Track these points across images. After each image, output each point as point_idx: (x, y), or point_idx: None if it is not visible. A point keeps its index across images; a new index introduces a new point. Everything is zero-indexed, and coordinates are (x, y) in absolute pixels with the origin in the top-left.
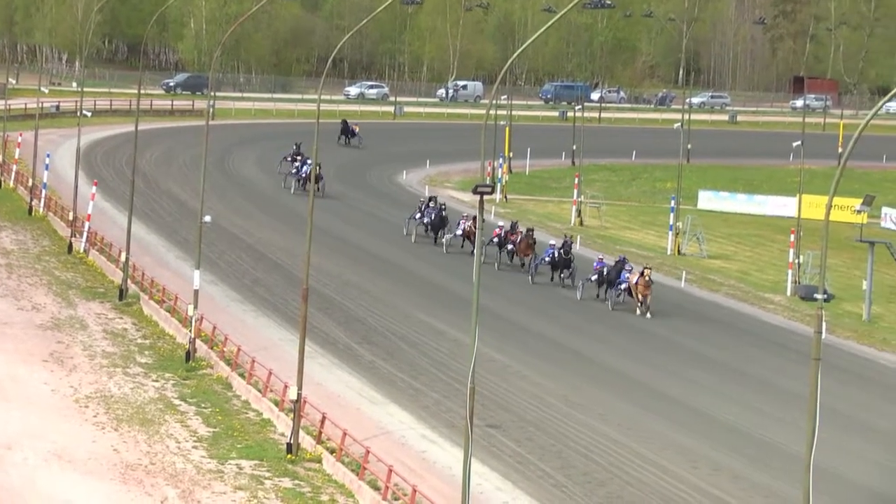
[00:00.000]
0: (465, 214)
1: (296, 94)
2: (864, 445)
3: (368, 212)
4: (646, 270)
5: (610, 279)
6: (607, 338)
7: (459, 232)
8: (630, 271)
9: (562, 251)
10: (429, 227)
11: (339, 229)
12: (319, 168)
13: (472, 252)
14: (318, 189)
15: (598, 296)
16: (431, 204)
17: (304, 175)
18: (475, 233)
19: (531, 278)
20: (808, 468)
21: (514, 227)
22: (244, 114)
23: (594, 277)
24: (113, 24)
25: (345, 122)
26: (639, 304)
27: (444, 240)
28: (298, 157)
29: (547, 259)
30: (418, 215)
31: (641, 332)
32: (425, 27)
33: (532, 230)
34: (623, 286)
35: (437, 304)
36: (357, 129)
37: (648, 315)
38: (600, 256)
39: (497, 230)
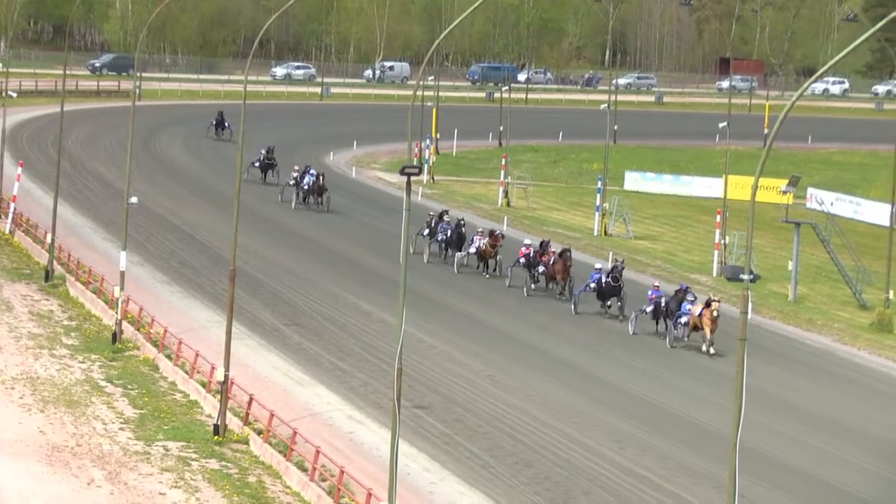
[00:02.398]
0: (481, 230)
1: (222, 76)
2: (789, 424)
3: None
4: (713, 303)
5: (669, 311)
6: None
7: (473, 250)
8: (693, 302)
9: (610, 278)
10: (443, 246)
11: (266, 211)
12: (323, 178)
13: (485, 273)
14: (323, 202)
15: (657, 330)
16: (446, 218)
17: (305, 188)
18: (492, 252)
19: (573, 307)
20: (735, 448)
21: (544, 246)
22: (170, 95)
23: (649, 309)
24: (38, 5)
25: (221, 115)
26: (704, 340)
27: (455, 259)
28: (296, 168)
29: (592, 285)
30: (426, 231)
31: (566, 314)
32: (352, 8)
33: (569, 250)
34: (684, 320)
35: (365, 286)
36: (228, 123)
37: (713, 351)
38: (656, 284)
39: (523, 249)
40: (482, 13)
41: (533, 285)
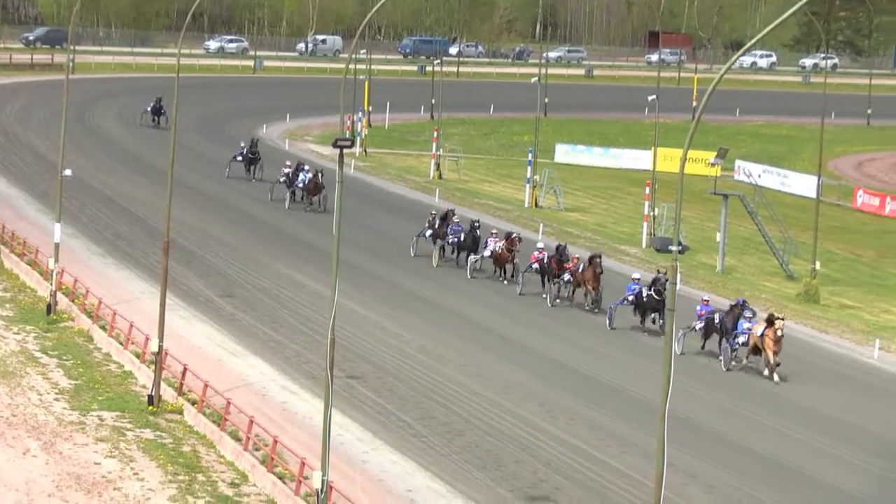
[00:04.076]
0: (495, 232)
1: (156, 49)
2: (712, 393)
3: (225, 164)
4: (777, 321)
5: (725, 329)
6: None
7: (488, 253)
8: (751, 319)
9: (654, 291)
10: (454, 249)
11: (198, 183)
12: (322, 176)
13: (502, 279)
14: (320, 203)
15: (702, 347)
16: (456, 219)
17: (298, 186)
18: (509, 256)
19: (609, 322)
20: (664, 418)
21: (561, 250)
22: (104, 68)
23: (699, 326)
24: None
25: (159, 101)
26: (766, 364)
27: (469, 263)
28: (288, 164)
29: (630, 298)
30: (429, 232)
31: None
32: None
33: (599, 257)
34: (741, 339)
35: (298, 257)
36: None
37: (776, 378)
38: (705, 298)
39: (536, 253)
40: None
41: (557, 298)
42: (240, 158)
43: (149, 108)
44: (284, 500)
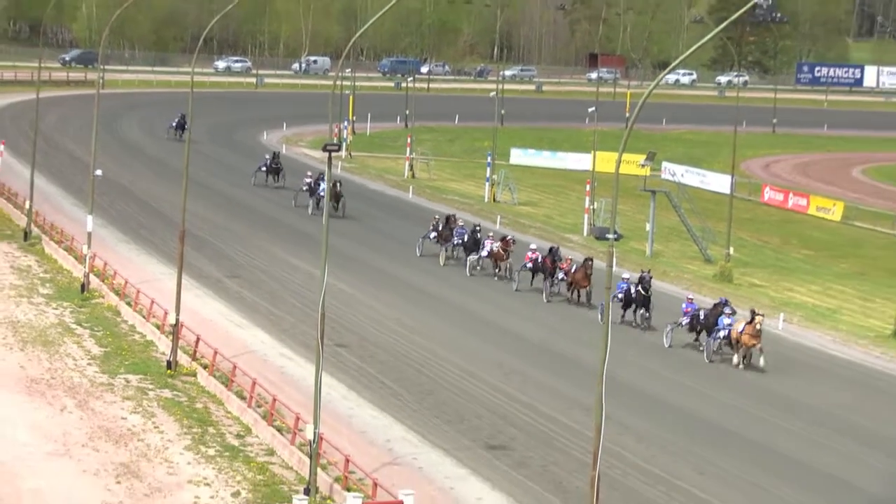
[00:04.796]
0: (491, 234)
1: (173, 68)
2: (642, 356)
3: (232, 165)
4: (756, 317)
5: (708, 325)
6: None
7: (485, 253)
8: (731, 315)
9: (640, 288)
10: (452, 250)
11: (209, 181)
12: (340, 185)
13: (497, 276)
14: (338, 209)
15: (696, 340)
16: (460, 223)
17: (320, 195)
18: (504, 255)
19: (600, 317)
20: (601, 379)
21: (554, 252)
22: (129, 84)
23: (685, 322)
24: (17, 8)
25: (183, 117)
26: (742, 357)
27: (468, 262)
28: (309, 174)
29: (620, 295)
30: (433, 234)
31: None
32: (282, 11)
33: (591, 259)
34: (722, 333)
35: (293, 243)
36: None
37: (762, 363)
38: (689, 297)
39: (530, 254)
40: (391, 15)
41: (552, 294)
42: (264, 169)
43: (173, 124)
44: (282, 450)
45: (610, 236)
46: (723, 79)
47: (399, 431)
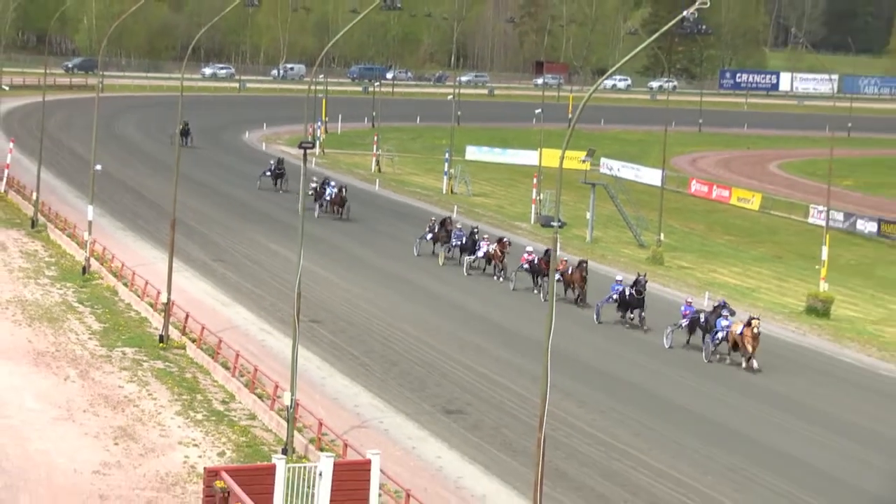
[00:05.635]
0: (487, 237)
1: (164, 74)
2: (586, 331)
3: (219, 161)
4: (753, 321)
5: (708, 327)
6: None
7: (481, 254)
8: (729, 318)
9: (634, 290)
10: (450, 249)
11: (198, 175)
12: (345, 191)
13: (494, 276)
14: (344, 213)
15: (688, 341)
16: (459, 226)
17: (327, 200)
18: (501, 256)
19: (596, 317)
20: (547, 352)
21: (549, 253)
22: (126, 88)
23: (685, 323)
24: (25, 20)
25: (186, 125)
26: (743, 356)
27: (465, 262)
28: (315, 180)
29: (614, 297)
30: (429, 235)
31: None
32: (262, 23)
33: (585, 262)
34: (721, 335)
35: (272, 230)
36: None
37: (755, 366)
38: (688, 299)
39: (526, 255)
40: (360, 27)
41: (546, 294)
42: (269, 174)
43: (177, 131)
44: (263, 414)
45: (554, 224)
46: (654, 84)
47: (367, 398)
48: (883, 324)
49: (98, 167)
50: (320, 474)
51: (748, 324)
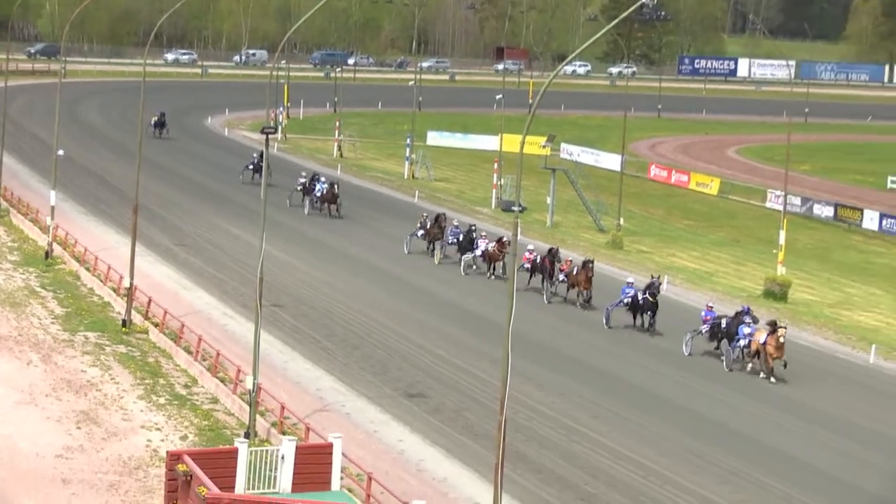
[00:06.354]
0: (485, 234)
1: (127, 59)
2: (538, 312)
3: (181, 146)
4: (780, 329)
5: (730, 334)
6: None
7: (479, 252)
8: (752, 325)
9: (648, 294)
10: (442, 248)
11: (158, 159)
12: (337, 187)
13: (489, 276)
14: (336, 211)
15: (717, 348)
16: (455, 222)
17: (317, 196)
18: (500, 255)
19: (605, 322)
20: (508, 336)
21: (553, 252)
22: (88, 74)
23: (705, 329)
24: None
25: (163, 115)
26: (763, 367)
27: (462, 261)
28: (304, 175)
29: (626, 301)
30: (421, 232)
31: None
32: (224, 9)
33: (591, 261)
34: (742, 343)
35: (234, 214)
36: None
37: (773, 380)
38: (709, 304)
39: (527, 255)
40: (322, 13)
41: (554, 295)
42: (251, 167)
43: (152, 122)
44: (225, 398)
45: (515, 209)
46: (614, 70)
47: (329, 382)
48: (839, 307)
49: (60, 152)
50: (282, 457)
51: (773, 332)
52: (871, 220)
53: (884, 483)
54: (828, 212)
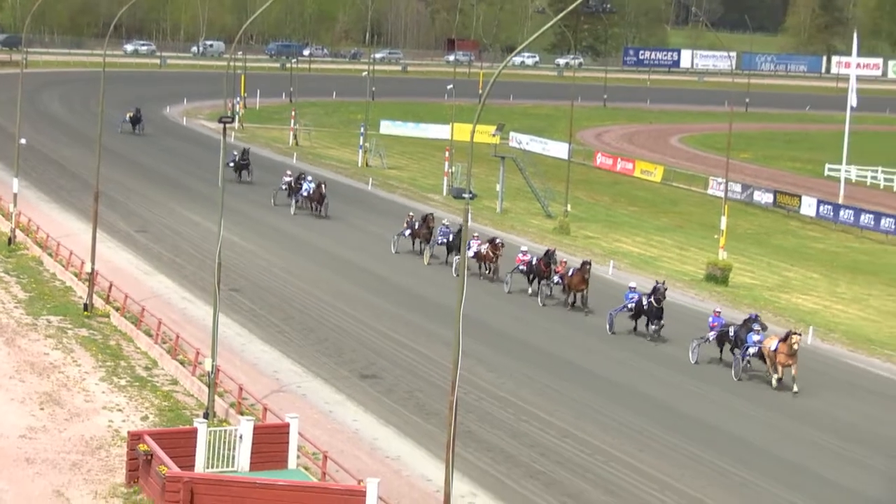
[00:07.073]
0: (477, 235)
1: (87, 50)
2: (496, 299)
3: (140, 136)
4: (793, 336)
5: (738, 340)
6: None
7: (471, 254)
8: (760, 332)
9: (653, 299)
10: (432, 248)
11: (119, 147)
12: (325, 187)
13: (483, 277)
14: (322, 210)
15: (720, 358)
16: (444, 222)
17: (303, 195)
18: (493, 257)
19: (609, 328)
20: (458, 320)
21: (549, 255)
22: (49, 64)
23: (712, 336)
24: None
25: (138, 112)
26: (773, 374)
27: (455, 262)
28: (289, 173)
29: (630, 306)
30: (408, 232)
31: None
32: (183, 1)
33: (589, 263)
34: (751, 350)
35: (193, 201)
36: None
37: (777, 384)
38: (717, 310)
39: (521, 256)
40: (277, 6)
41: (548, 297)
42: (231, 165)
43: (128, 118)
44: (185, 380)
45: (465, 196)
46: (561, 61)
47: (286, 364)
48: (778, 290)
49: (23, 141)
50: (240, 437)
51: (785, 339)
52: (808, 206)
53: (828, 461)
54: (767, 198)
